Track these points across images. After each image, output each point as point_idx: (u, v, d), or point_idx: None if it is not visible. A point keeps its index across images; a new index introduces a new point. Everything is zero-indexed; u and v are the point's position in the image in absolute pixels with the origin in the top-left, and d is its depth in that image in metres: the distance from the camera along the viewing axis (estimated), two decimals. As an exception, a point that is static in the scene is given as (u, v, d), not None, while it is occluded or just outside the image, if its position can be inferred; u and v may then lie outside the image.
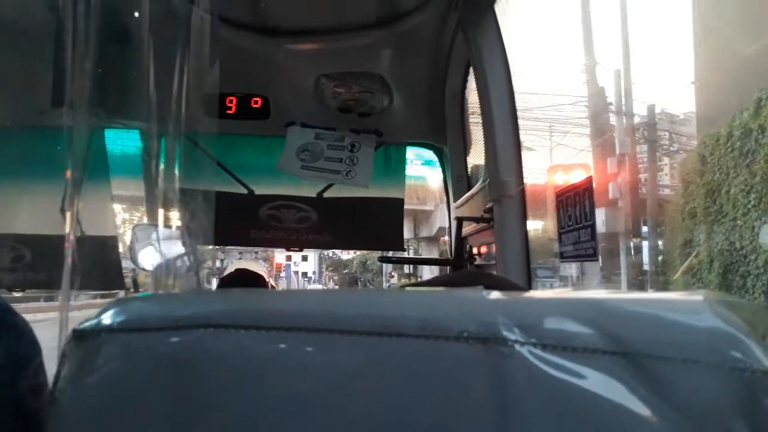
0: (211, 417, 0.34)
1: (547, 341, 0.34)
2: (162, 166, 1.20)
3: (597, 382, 0.34)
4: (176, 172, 1.19)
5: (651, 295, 0.39)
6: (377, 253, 2.91)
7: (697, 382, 0.34)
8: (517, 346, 0.34)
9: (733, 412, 0.33)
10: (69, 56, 0.96)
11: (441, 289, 0.41)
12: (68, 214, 1.01)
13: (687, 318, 0.36)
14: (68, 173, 0.95)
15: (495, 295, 0.38)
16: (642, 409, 0.33)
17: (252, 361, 0.35)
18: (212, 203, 1.50)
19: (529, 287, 1.29)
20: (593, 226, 1.01)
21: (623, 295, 0.38)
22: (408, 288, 0.55)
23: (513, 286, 0.63)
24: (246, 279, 1.90)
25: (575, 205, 1.07)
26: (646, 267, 11.17)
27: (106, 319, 0.36)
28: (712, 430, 0.33)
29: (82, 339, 0.35)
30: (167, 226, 1.31)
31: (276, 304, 0.39)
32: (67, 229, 0.94)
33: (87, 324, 0.36)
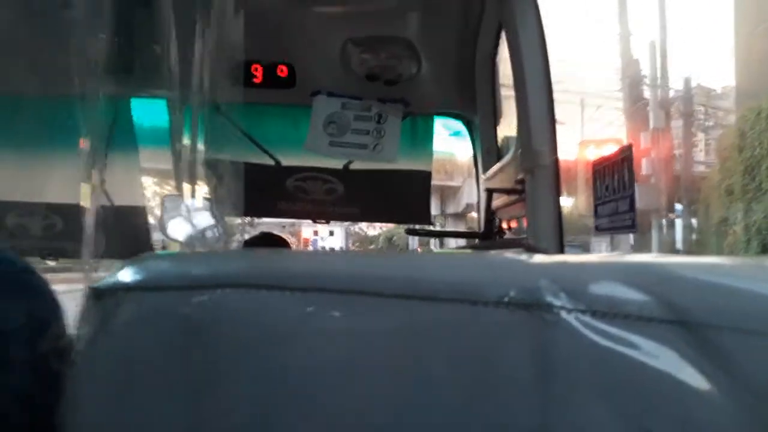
0: (230, 380, 0.32)
1: (597, 308, 0.31)
2: (188, 137, 1.19)
3: (652, 352, 0.30)
4: (202, 142, 1.18)
5: (711, 260, 0.35)
6: (404, 229, 2.89)
7: (761, 354, 0.30)
8: (563, 313, 0.31)
9: None
10: (94, 22, 0.94)
11: (478, 252, 0.38)
12: (91, 185, 1.01)
13: (754, 286, 0.33)
14: (85, 142, 0.94)
15: (538, 258, 0.35)
16: (700, 382, 0.30)
17: (274, 323, 0.32)
18: (241, 174, 1.49)
19: None
20: (632, 197, 0.96)
21: (682, 259, 0.35)
22: (443, 251, 0.53)
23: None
24: (271, 242, 1.90)
25: (613, 175, 1.02)
26: (678, 245, 10.97)
27: (124, 277, 0.34)
28: None
29: (99, 298, 0.34)
30: (196, 196, 1.31)
31: (300, 264, 0.36)
32: (90, 199, 0.93)
33: (104, 282, 0.34)
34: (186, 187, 1.52)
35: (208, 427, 0.32)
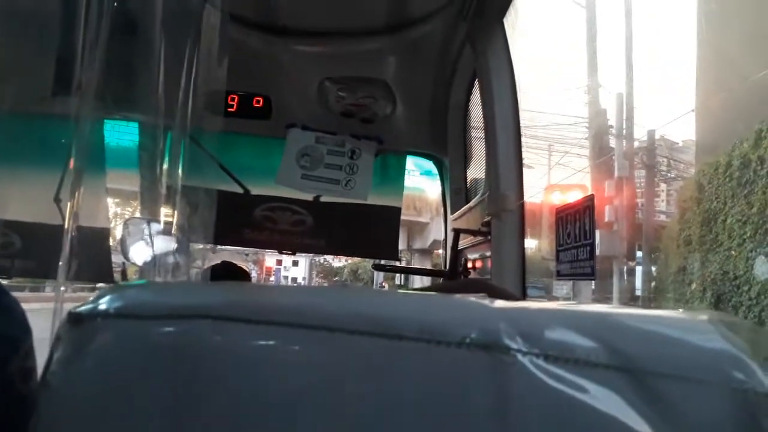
0: (204, 409, 0.33)
1: (550, 352, 0.33)
2: (164, 162, 1.19)
3: (598, 396, 0.33)
4: (178, 168, 1.18)
5: (656, 312, 0.38)
6: (369, 262, 2.90)
7: (699, 402, 0.33)
8: (519, 356, 0.33)
9: None
10: (76, 45, 0.95)
11: (443, 295, 0.40)
12: (68, 204, 1.00)
13: (692, 337, 0.35)
14: (71, 163, 0.94)
15: (498, 303, 0.37)
16: (642, 426, 0.32)
17: (249, 355, 0.34)
18: (214, 200, 1.49)
19: None
20: (592, 245, 1.00)
21: (628, 310, 0.38)
22: (409, 292, 0.54)
23: (514, 298, 0.62)
24: (230, 272, 1.89)
25: (575, 222, 1.06)
26: (638, 292, 11.19)
27: (103, 304, 0.35)
28: None
29: (78, 323, 0.34)
30: (163, 221, 1.30)
31: (275, 298, 0.38)
32: (67, 219, 0.92)
33: (83, 308, 0.35)
34: (152, 210, 1.51)
35: None
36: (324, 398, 0.33)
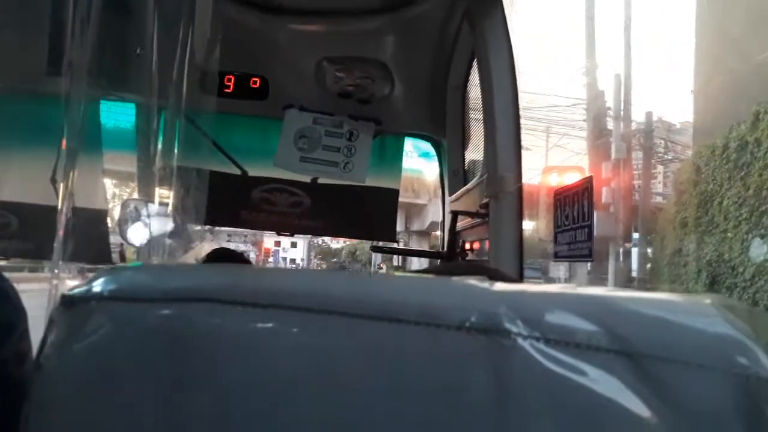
0: (199, 392, 0.32)
1: (550, 336, 0.33)
2: (159, 142, 1.18)
3: (598, 379, 0.33)
4: (174, 148, 1.17)
5: (657, 295, 0.38)
6: (367, 244, 2.90)
7: (700, 386, 0.33)
8: (519, 339, 0.33)
9: (734, 417, 0.32)
10: (69, 23, 0.93)
11: (443, 278, 0.40)
12: (62, 185, 0.99)
13: (694, 321, 0.35)
14: (63, 143, 0.93)
15: (498, 286, 0.37)
16: (642, 410, 0.32)
17: (245, 338, 0.33)
18: (206, 181, 1.48)
19: None
20: (590, 227, 1.00)
21: (629, 294, 0.37)
22: (407, 275, 0.54)
23: (512, 281, 0.62)
24: (228, 259, 1.89)
25: (573, 204, 1.06)
26: (634, 273, 11.25)
27: (97, 287, 0.34)
28: None
29: (71, 305, 0.34)
30: (159, 202, 1.29)
31: (272, 281, 0.38)
32: (61, 200, 0.92)
33: (77, 291, 0.34)
34: (149, 191, 1.51)
35: None
36: (322, 382, 0.33)
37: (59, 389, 0.33)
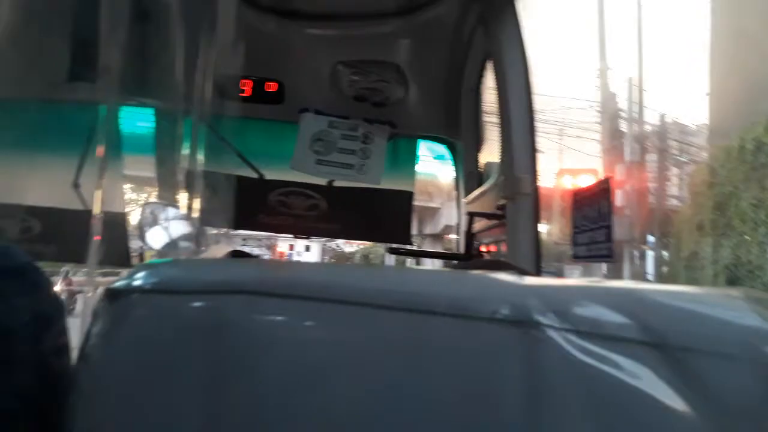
0: (239, 382, 0.33)
1: (582, 328, 0.34)
2: (184, 147, 1.20)
3: (630, 371, 0.33)
4: (198, 153, 1.19)
5: (687, 288, 0.38)
6: (380, 247, 2.90)
7: (731, 377, 0.33)
8: (550, 331, 0.34)
9: (765, 407, 0.32)
10: (96, 30, 0.95)
11: (473, 271, 0.40)
12: (95, 191, 1.01)
13: (724, 313, 0.35)
14: (99, 149, 0.95)
15: (529, 279, 0.37)
16: (674, 401, 0.33)
17: (280, 329, 0.34)
18: (233, 184, 1.49)
19: None
20: (610, 227, 1.00)
21: (659, 286, 0.38)
22: (439, 269, 0.55)
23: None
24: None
25: (592, 205, 1.06)
26: (649, 277, 11.14)
27: (139, 280, 0.36)
28: (742, 425, 0.32)
29: (115, 298, 0.35)
30: (182, 206, 1.31)
31: (307, 274, 0.38)
32: (95, 205, 0.94)
33: (119, 284, 0.36)
34: (172, 196, 1.52)
35: (216, 425, 0.33)
36: (356, 372, 0.34)
37: (104, 379, 0.34)
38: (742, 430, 0.32)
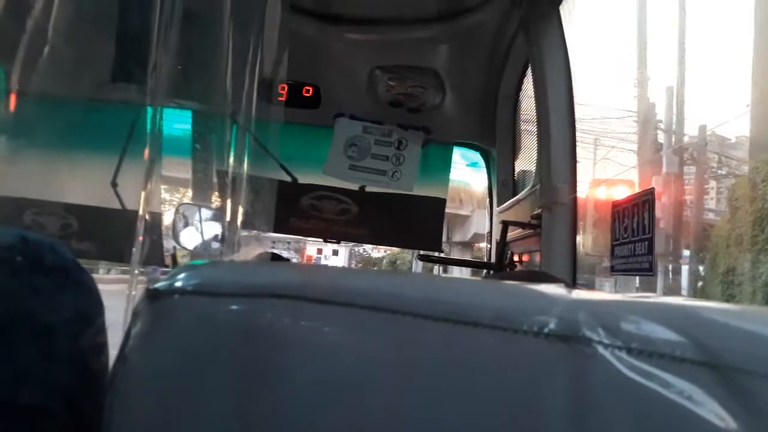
0: (279, 388, 0.33)
1: (633, 345, 0.32)
2: (232, 151, 1.21)
3: (684, 391, 0.31)
4: (245, 157, 1.20)
5: (744, 307, 0.36)
6: (408, 254, 2.90)
7: None
8: (600, 348, 0.32)
9: None
10: (137, 32, 0.97)
11: (520, 282, 0.39)
12: (143, 193, 1.03)
13: None
14: (146, 152, 0.97)
15: (577, 292, 0.36)
16: (729, 423, 0.31)
17: (322, 335, 0.34)
18: (275, 188, 1.51)
19: None
20: (651, 240, 0.97)
21: (713, 304, 0.36)
22: (483, 279, 0.54)
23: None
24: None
25: (633, 216, 1.03)
26: (683, 292, 10.88)
27: (179, 281, 0.35)
28: None
29: (155, 299, 0.35)
30: (225, 209, 1.32)
31: (347, 280, 0.38)
32: (141, 206, 0.95)
33: (160, 284, 0.36)
34: (206, 197, 1.54)
35: (255, 430, 0.33)
36: (396, 383, 0.33)
37: (143, 380, 0.34)
38: None
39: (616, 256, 1.10)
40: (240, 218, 1.08)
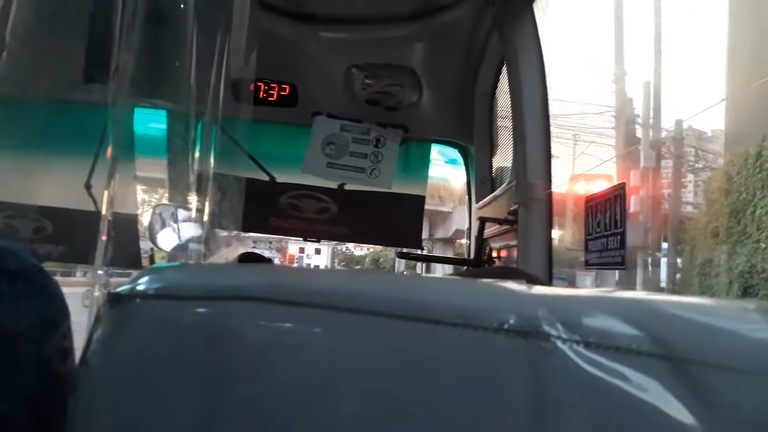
0: (242, 390, 0.33)
1: (590, 339, 0.33)
2: (197, 149, 1.20)
3: (640, 384, 0.32)
4: (210, 155, 1.19)
5: (699, 300, 0.37)
6: (390, 251, 2.90)
7: (743, 392, 0.32)
8: (558, 342, 0.33)
9: None
10: (111, 30, 0.96)
11: (482, 280, 0.40)
12: (105, 192, 1.02)
13: (737, 326, 0.35)
14: (109, 151, 0.95)
15: (537, 289, 0.37)
16: (683, 415, 0.32)
17: (284, 336, 0.34)
18: (243, 187, 1.50)
19: None
20: (623, 234, 0.99)
21: (670, 297, 0.37)
22: (446, 277, 0.54)
23: (547, 285, 0.61)
24: (257, 262, 1.90)
25: (605, 211, 1.05)
26: (663, 284, 11.03)
27: (142, 284, 0.35)
28: None
29: (117, 303, 0.35)
30: (194, 208, 1.31)
31: (312, 281, 0.38)
32: (105, 206, 0.94)
33: (122, 288, 0.35)
34: (184, 198, 1.52)
35: None
36: (359, 382, 0.33)
37: (105, 384, 0.34)
38: None
39: (590, 251, 1.11)
40: (206, 218, 1.07)
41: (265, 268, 0.43)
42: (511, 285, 0.37)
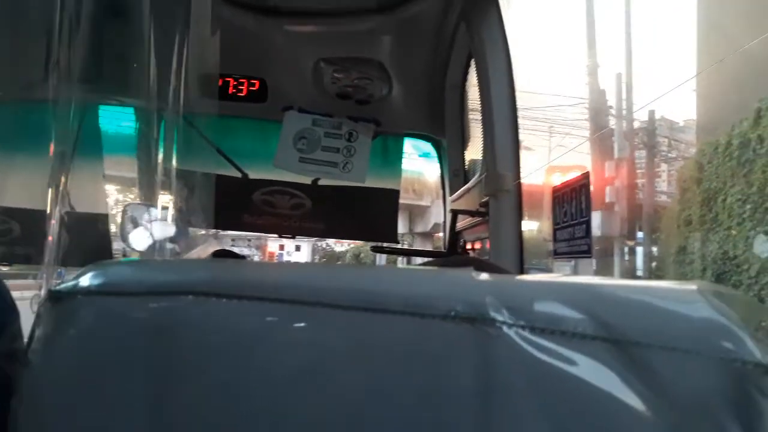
0: (187, 386, 0.33)
1: (536, 324, 0.33)
2: (160, 147, 1.19)
3: (585, 367, 0.33)
4: (173, 152, 1.17)
5: (644, 282, 0.37)
6: (371, 246, 2.90)
7: (687, 372, 0.33)
8: (504, 328, 0.33)
9: (721, 403, 0.32)
10: (65, 28, 0.94)
11: (429, 268, 0.40)
12: (51, 191, 0.99)
13: (679, 307, 0.35)
14: (52, 147, 0.93)
15: (484, 276, 0.37)
16: (629, 397, 0.32)
17: (232, 331, 0.33)
18: (212, 184, 1.48)
19: None
20: (588, 223, 1.00)
21: (616, 281, 0.37)
22: (396, 267, 0.55)
23: (507, 273, 0.62)
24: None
25: (571, 201, 1.06)
26: (639, 272, 11.21)
27: (84, 281, 0.35)
28: (699, 421, 0.32)
29: (58, 300, 0.34)
30: (161, 207, 1.29)
31: (259, 275, 0.38)
32: (50, 204, 0.92)
33: (63, 286, 0.35)
34: (151, 196, 1.50)
35: (161, 428, 0.32)
36: (308, 375, 0.33)
37: (46, 383, 0.33)
38: (696, 425, 0.32)
39: (558, 240, 1.12)
40: (171, 215, 1.06)
41: (210, 262, 0.42)
42: (460, 273, 0.38)
